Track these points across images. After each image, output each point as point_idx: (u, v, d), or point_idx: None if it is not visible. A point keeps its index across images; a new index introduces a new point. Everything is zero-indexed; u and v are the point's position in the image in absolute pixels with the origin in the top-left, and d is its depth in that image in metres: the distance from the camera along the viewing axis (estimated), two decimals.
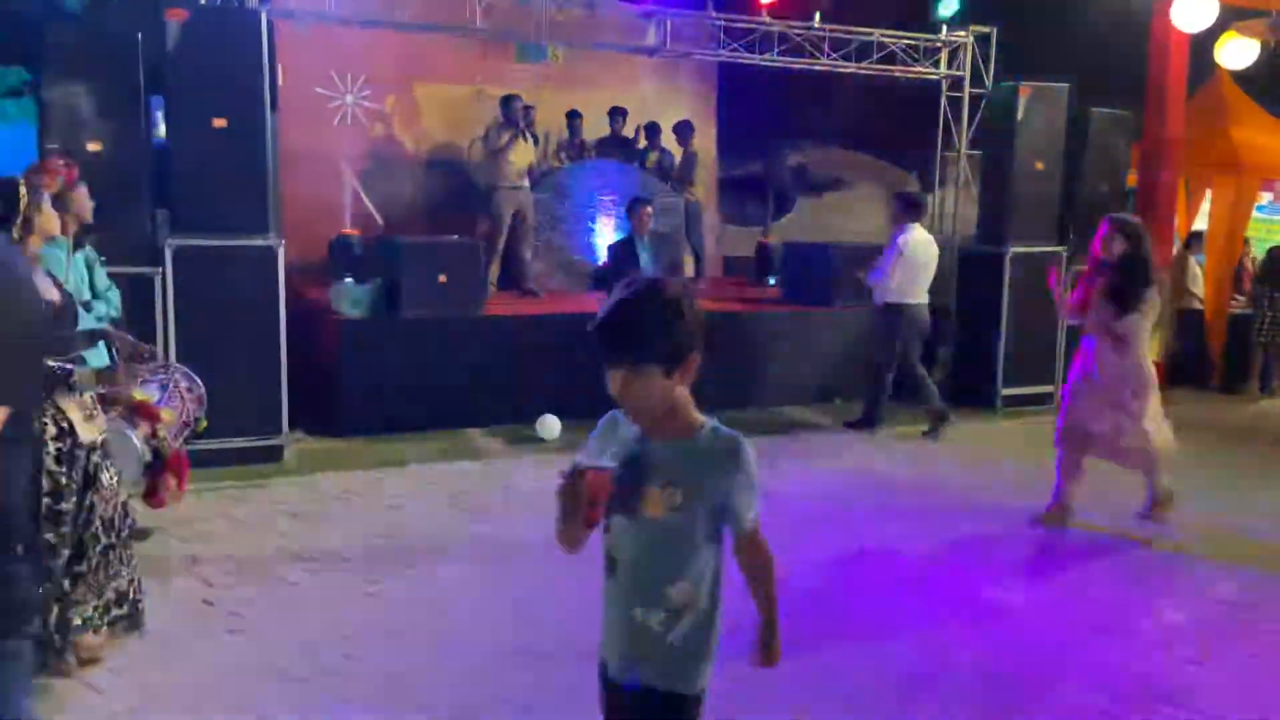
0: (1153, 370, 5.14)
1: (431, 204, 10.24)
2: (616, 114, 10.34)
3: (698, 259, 10.26)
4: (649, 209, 7.45)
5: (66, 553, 3.36)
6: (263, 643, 3.66)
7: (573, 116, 10.20)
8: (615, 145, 10.30)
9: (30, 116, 6.09)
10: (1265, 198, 11.58)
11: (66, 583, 3.35)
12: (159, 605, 3.92)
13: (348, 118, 9.98)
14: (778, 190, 14.04)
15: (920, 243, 7.21)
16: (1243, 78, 9.74)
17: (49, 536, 3.31)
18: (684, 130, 10.22)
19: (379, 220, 9.93)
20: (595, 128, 10.46)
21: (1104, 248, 5.02)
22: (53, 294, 3.26)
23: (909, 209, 7.30)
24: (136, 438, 4.10)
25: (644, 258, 7.29)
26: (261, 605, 3.97)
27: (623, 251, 7.40)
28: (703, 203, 10.67)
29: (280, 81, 9.34)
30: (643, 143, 10.45)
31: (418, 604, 4.03)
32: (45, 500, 3.29)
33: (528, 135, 8.39)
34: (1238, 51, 9.02)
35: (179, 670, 3.43)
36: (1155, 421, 5.13)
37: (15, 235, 3.27)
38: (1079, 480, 5.26)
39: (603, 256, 9.56)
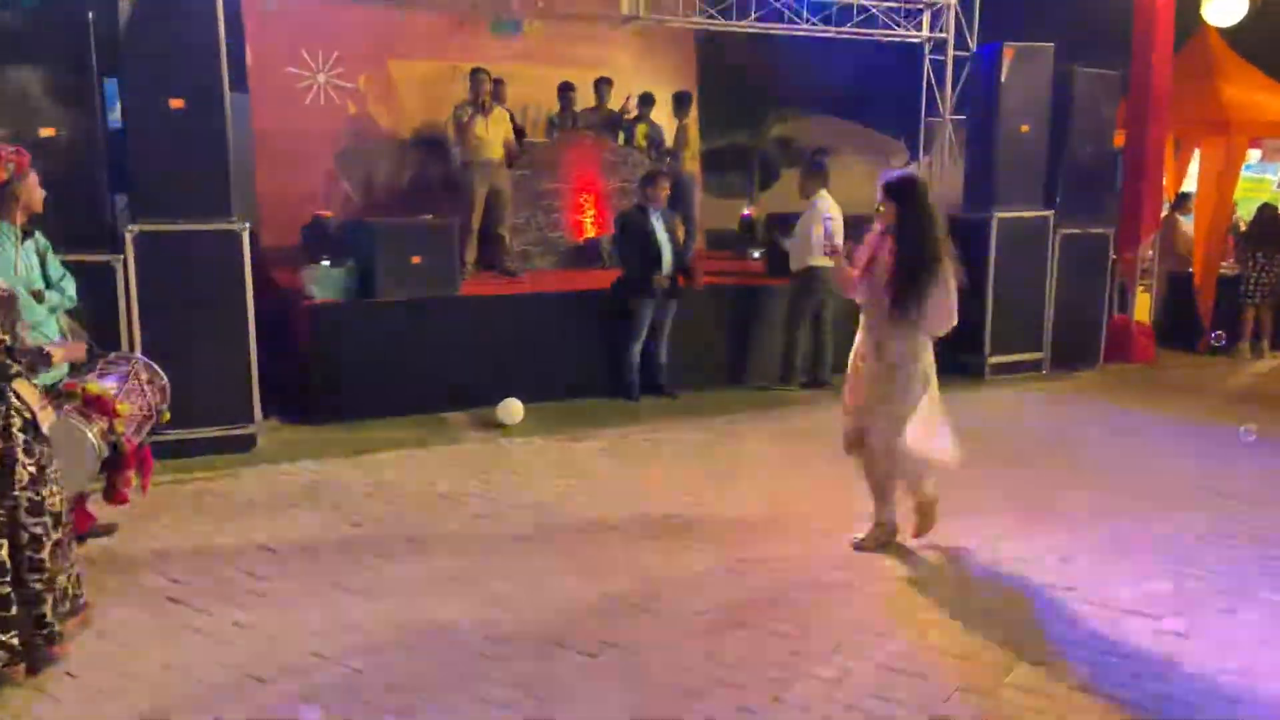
0: (931, 363, 4.29)
1: (411, 183, 10.03)
2: (602, 84, 10.10)
3: (687, 231, 10.08)
4: (666, 182, 7.33)
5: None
6: (225, 641, 3.54)
7: (565, 89, 9.97)
8: (602, 117, 10.09)
9: None
10: (1253, 155, 11.43)
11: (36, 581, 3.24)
12: (121, 603, 3.82)
13: (320, 97, 9.76)
14: (761, 161, 13.83)
15: (833, 207, 7.57)
16: (1230, 32, 9.57)
17: (26, 532, 3.21)
18: (681, 101, 10.03)
19: (356, 201, 9.77)
20: (580, 99, 10.24)
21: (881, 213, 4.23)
22: None
23: (818, 174, 7.67)
24: (92, 433, 3.96)
25: (658, 229, 7.14)
26: (227, 602, 3.85)
27: (635, 222, 7.24)
28: (695, 175, 10.50)
29: (249, 61, 9.29)
30: (633, 113, 10.23)
31: (389, 598, 3.91)
32: (25, 493, 3.19)
33: (492, 109, 8.14)
34: (1225, 8, 8.87)
35: (136, 672, 3.31)
36: (926, 428, 4.26)
37: None
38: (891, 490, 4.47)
39: (590, 232, 9.42)
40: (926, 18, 8.46)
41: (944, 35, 8.45)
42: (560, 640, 3.57)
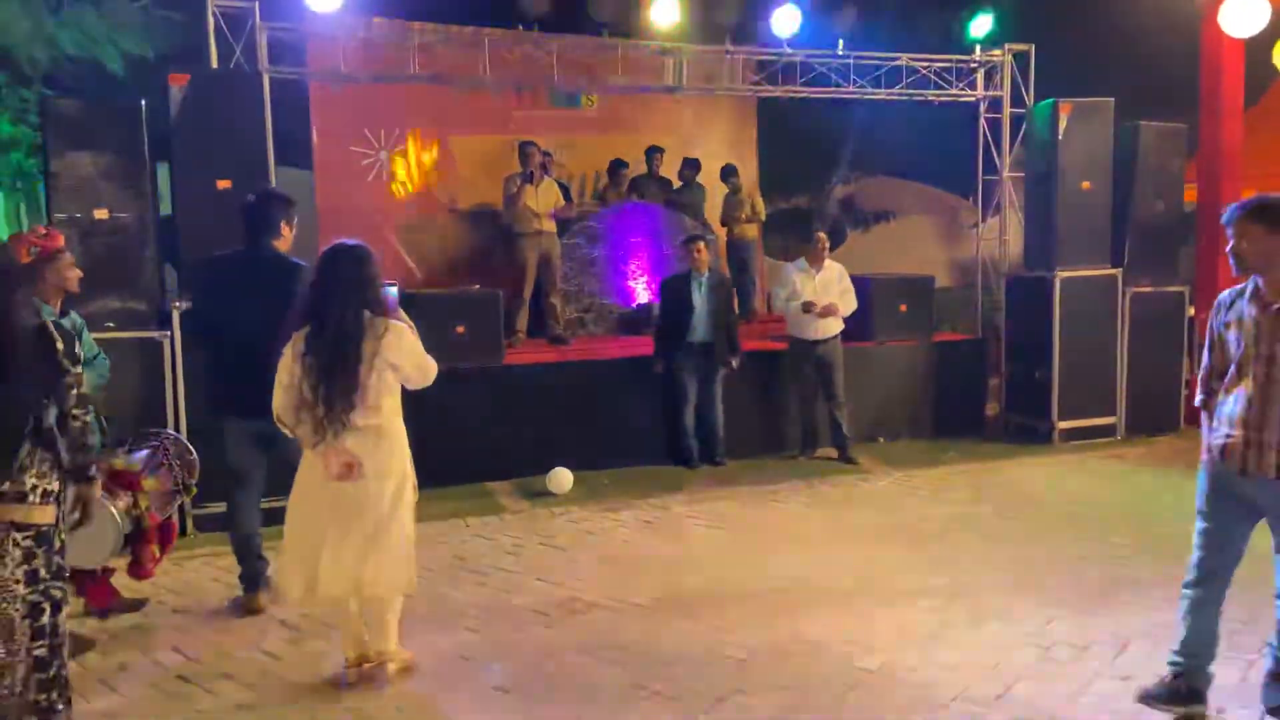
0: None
1: (469, 255, 10.22)
2: (654, 153, 10.21)
3: (742, 299, 9.99)
4: (702, 245, 7.28)
5: None
6: None
7: (617, 166, 10.09)
8: (653, 184, 10.16)
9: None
10: None
11: None
12: (136, 681, 3.82)
13: (383, 173, 10.05)
14: (825, 223, 13.73)
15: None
16: None
17: None
18: (728, 173, 10.09)
19: (416, 274, 9.96)
20: (632, 168, 10.33)
21: None
22: None
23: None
24: (116, 509, 4.02)
25: (697, 296, 7.09)
26: (236, 682, 3.82)
27: (673, 288, 7.25)
28: (756, 241, 10.43)
29: (314, 140, 9.64)
30: (677, 184, 10.30)
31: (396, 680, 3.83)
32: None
33: (541, 180, 8.24)
34: None
35: None
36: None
37: None
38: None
39: (639, 299, 9.41)
40: (980, 76, 8.28)
41: (998, 94, 8.25)
42: None
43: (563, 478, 6.56)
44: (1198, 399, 3.51)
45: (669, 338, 7.16)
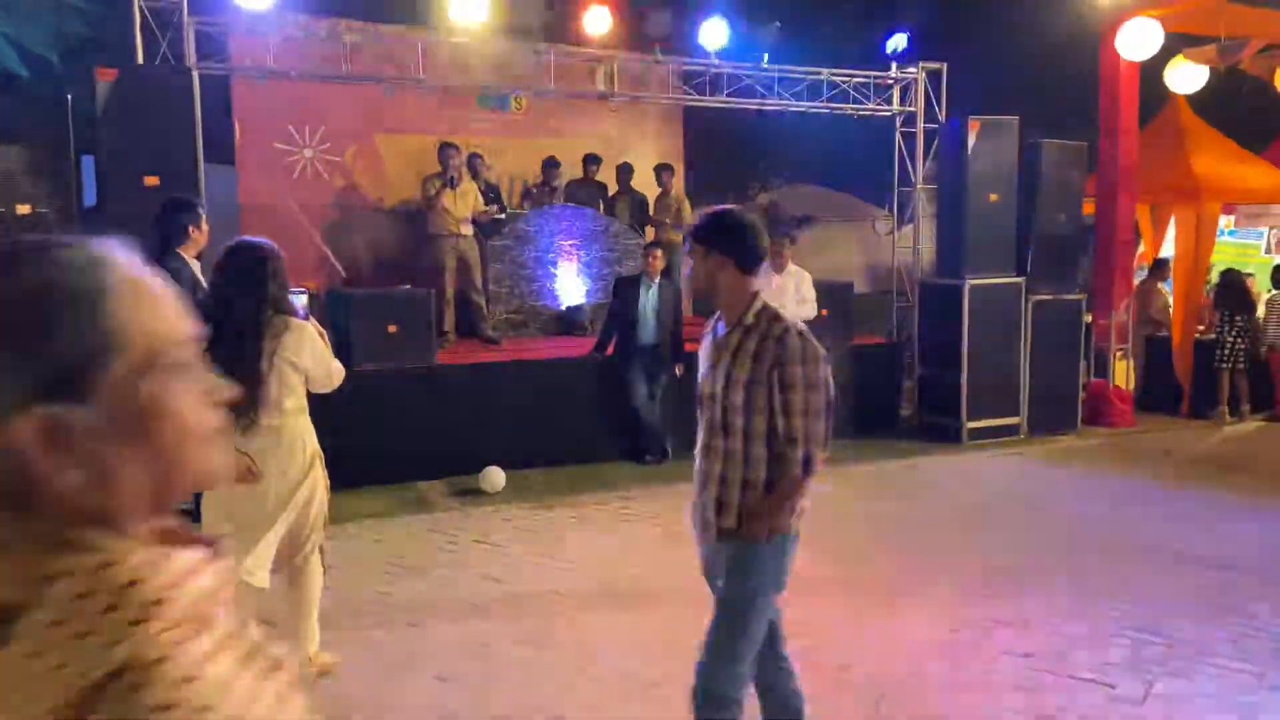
0: None
1: (395, 254, 10.21)
2: (590, 160, 10.36)
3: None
4: (659, 252, 7.57)
5: None
6: None
7: (550, 164, 10.19)
8: (587, 189, 10.29)
9: None
10: (1234, 222, 11.59)
11: None
12: None
13: (308, 170, 9.98)
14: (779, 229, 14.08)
15: None
16: (1197, 102, 9.79)
17: None
18: (662, 172, 10.27)
19: (341, 272, 9.92)
20: (568, 172, 10.45)
21: None
22: None
23: None
24: None
25: (643, 297, 7.33)
26: None
27: (623, 288, 7.52)
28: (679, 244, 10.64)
29: (237, 136, 9.52)
30: (614, 187, 10.46)
31: (321, 680, 3.89)
32: None
33: (460, 183, 8.30)
34: (1187, 76, 9.08)
35: None
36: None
37: None
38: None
39: (566, 301, 9.55)
40: (896, 92, 8.67)
41: (913, 109, 8.64)
42: (506, 715, 3.55)
43: (495, 476, 6.66)
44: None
45: (613, 334, 7.45)
